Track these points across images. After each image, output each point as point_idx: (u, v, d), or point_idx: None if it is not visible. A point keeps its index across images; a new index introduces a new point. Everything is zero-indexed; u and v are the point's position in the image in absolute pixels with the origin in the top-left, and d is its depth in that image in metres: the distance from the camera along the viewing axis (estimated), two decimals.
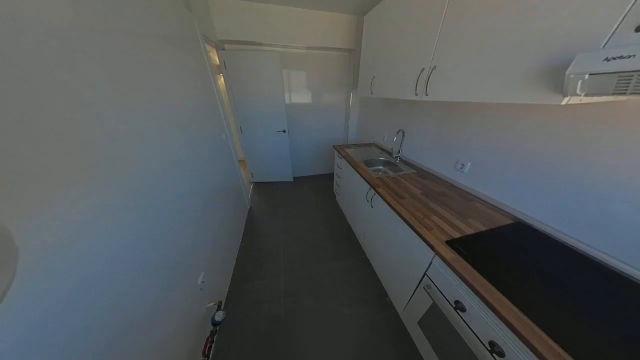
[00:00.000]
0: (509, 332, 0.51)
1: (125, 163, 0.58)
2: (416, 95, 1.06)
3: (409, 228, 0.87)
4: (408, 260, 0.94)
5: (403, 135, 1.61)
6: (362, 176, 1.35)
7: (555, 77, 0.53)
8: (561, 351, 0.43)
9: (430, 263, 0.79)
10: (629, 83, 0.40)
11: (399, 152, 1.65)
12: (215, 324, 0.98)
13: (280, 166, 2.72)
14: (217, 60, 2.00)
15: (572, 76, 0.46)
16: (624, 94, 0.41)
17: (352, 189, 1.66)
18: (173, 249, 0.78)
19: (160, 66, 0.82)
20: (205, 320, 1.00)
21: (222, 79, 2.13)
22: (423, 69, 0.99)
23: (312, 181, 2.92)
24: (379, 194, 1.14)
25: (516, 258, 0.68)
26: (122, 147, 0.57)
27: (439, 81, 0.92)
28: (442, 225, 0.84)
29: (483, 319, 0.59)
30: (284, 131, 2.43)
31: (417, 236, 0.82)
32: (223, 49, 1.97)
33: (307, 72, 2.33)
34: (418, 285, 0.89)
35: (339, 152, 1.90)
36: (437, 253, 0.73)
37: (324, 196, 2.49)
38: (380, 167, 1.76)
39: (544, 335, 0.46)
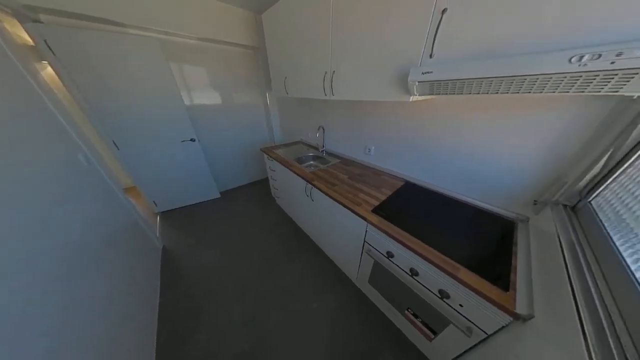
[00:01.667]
0: (417, 256, 0.74)
1: None
2: (325, 95, 1.21)
3: (345, 209, 1.02)
4: (350, 236, 1.11)
5: (323, 131, 1.81)
6: (297, 174, 1.39)
7: (404, 83, 0.79)
8: (441, 255, 0.69)
9: (366, 231, 0.97)
10: (434, 87, 0.68)
11: (323, 146, 1.84)
12: None
13: (198, 183, 2.23)
14: (29, 38, 1.24)
15: (410, 82, 0.71)
16: (432, 94, 0.70)
17: (290, 189, 1.67)
18: None
19: None
20: None
21: (50, 68, 1.36)
22: (326, 72, 1.14)
23: (246, 191, 2.65)
24: (315, 186, 1.22)
25: (409, 207, 0.98)
26: None
27: (340, 83, 1.10)
28: (367, 199, 1.05)
29: (402, 255, 0.81)
30: (193, 140, 1.99)
31: (352, 213, 0.98)
32: (38, 22, 1.25)
33: (207, 68, 1.99)
34: (362, 253, 1.07)
35: (268, 154, 1.83)
36: (368, 222, 0.91)
37: (263, 203, 2.34)
38: (311, 162, 1.89)
39: (431, 248, 0.72)
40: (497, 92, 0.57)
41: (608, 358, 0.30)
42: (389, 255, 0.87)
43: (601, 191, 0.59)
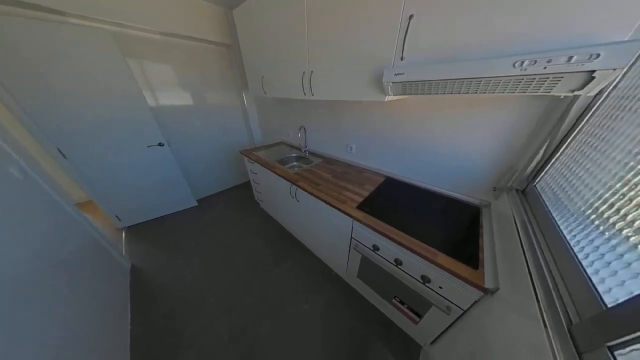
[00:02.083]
0: (400, 247, 0.78)
1: None
2: (305, 95, 1.21)
3: (331, 207, 1.03)
4: (337, 233, 1.13)
5: (305, 131, 1.80)
6: (281, 176, 1.36)
7: (380, 83, 0.83)
8: (422, 243, 0.75)
9: (352, 227, 1.00)
10: (406, 88, 0.72)
11: (305, 146, 1.84)
12: None
13: (170, 192, 2.04)
14: None
15: (385, 83, 0.75)
16: (405, 94, 0.75)
17: (274, 191, 1.63)
18: None
19: None
20: None
21: None
22: (304, 72, 1.13)
23: (227, 196, 2.50)
24: (300, 187, 1.21)
25: (391, 201, 1.04)
26: None
27: (319, 83, 1.11)
28: (351, 196, 1.08)
29: (387, 247, 0.86)
30: (161, 144, 1.81)
31: (338, 212, 1.00)
32: None
33: (175, 66, 1.82)
34: (350, 249, 1.10)
35: (248, 157, 1.75)
36: (354, 218, 0.93)
37: (246, 208, 2.24)
38: (294, 162, 1.87)
39: (412, 239, 0.77)
40: (459, 92, 0.63)
41: (555, 316, 0.36)
42: (375, 248, 0.91)
43: (542, 176, 0.70)
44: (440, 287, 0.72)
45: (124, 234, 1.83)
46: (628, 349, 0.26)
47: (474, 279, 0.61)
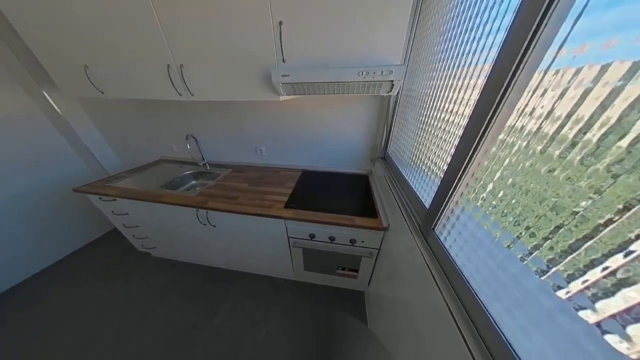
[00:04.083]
0: (330, 226, 0.91)
1: None
2: (181, 95, 0.96)
3: (259, 217, 0.96)
4: (273, 240, 1.08)
5: (196, 141, 1.45)
6: (176, 204, 1.03)
7: (272, 83, 0.85)
8: (343, 215, 0.92)
9: (286, 227, 1.00)
10: (295, 88, 0.80)
11: (203, 158, 1.50)
12: None
13: None
14: None
15: (275, 84, 0.78)
16: (296, 94, 0.83)
17: (172, 226, 1.21)
18: None
19: None
20: None
21: None
22: (169, 65, 0.88)
23: (73, 268, 1.49)
24: (212, 209, 1.00)
25: (312, 190, 1.16)
26: None
27: (197, 81, 0.92)
28: (275, 198, 1.07)
29: (320, 231, 0.96)
30: None
31: (268, 218, 0.96)
32: None
33: None
34: (290, 248, 1.10)
35: (99, 194, 1.12)
36: (285, 218, 0.94)
37: (126, 269, 1.48)
38: (193, 181, 1.48)
39: (336, 215, 0.92)
40: (333, 93, 0.81)
41: (413, 225, 0.61)
42: (312, 236, 0.99)
43: (389, 145, 1.11)
44: (362, 242, 0.95)
45: None
46: (439, 226, 0.51)
47: (377, 225, 0.86)
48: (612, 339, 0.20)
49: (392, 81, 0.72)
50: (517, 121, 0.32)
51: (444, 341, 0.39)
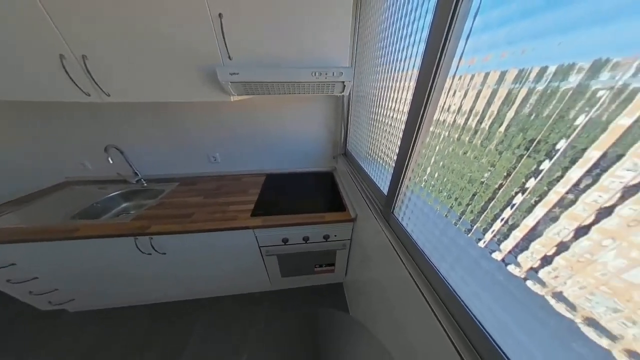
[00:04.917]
0: (301, 226, 0.91)
1: None
2: (90, 95, 0.75)
3: (223, 231, 0.86)
4: (242, 253, 0.99)
5: (122, 152, 1.16)
6: (102, 237, 0.80)
7: (219, 82, 0.76)
8: (313, 214, 0.93)
9: (256, 237, 0.94)
10: (246, 88, 0.75)
11: (137, 173, 1.22)
12: None
13: None
14: None
15: (223, 83, 0.71)
16: (249, 94, 0.78)
17: (98, 265, 0.94)
18: None
19: None
20: None
21: None
22: (62, 55, 0.67)
23: None
24: (157, 233, 0.83)
25: (278, 194, 1.12)
26: None
27: (113, 77, 0.73)
28: (239, 207, 0.98)
29: (293, 233, 0.95)
30: None
31: (234, 231, 0.87)
32: None
33: None
34: (263, 258, 1.04)
35: None
36: (253, 228, 0.88)
37: (11, 343, 1.05)
38: (124, 204, 1.18)
39: (307, 214, 0.93)
40: (287, 93, 0.80)
41: (376, 208, 0.68)
42: (285, 241, 0.96)
43: (348, 141, 1.19)
44: (335, 236, 0.99)
45: None
46: (397, 208, 0.58)
47: (347, 217, 0.92)
48: (510, 268, 0.28)
49: (344, 82, 0.78)
50: (440, 116, 0.41)
51: (410, 304, 0.45)
